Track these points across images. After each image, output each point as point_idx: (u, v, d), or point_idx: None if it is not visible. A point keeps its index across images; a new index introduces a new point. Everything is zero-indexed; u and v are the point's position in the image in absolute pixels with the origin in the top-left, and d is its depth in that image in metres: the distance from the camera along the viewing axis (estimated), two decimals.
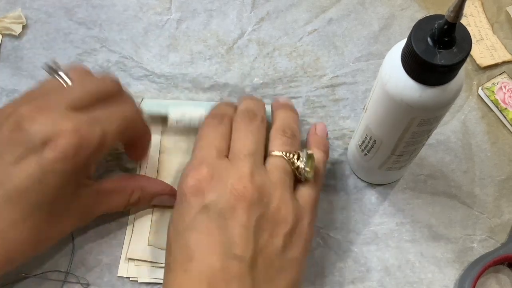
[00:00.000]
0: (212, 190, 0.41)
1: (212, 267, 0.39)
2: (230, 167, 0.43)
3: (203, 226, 0.40)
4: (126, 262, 0.50)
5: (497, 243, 0.53)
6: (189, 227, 0.41)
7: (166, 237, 0.47)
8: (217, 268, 0.39)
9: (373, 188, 0.54)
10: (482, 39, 0.61)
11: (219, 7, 0.62)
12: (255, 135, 0.46)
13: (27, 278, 0.49)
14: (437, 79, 0.38)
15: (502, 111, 0.57)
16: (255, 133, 0.46)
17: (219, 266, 0.39)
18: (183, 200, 0.42)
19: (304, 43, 0.60)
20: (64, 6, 0.61)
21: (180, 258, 0.40)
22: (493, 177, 0.55)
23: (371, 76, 0.59)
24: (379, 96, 0.42)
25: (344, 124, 0.57)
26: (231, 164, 0.43)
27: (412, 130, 0.43)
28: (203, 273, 0.39)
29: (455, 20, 0.35)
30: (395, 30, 0.61)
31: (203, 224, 0.40)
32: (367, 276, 0.51)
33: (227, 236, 0.40)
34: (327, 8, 0.62)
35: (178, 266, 0.40)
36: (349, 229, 0.53)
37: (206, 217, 0.41)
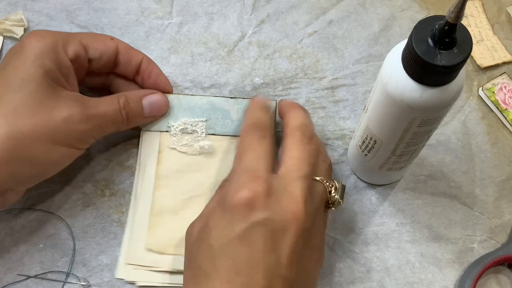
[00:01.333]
0: (267, 207, 0.40)
1: (257, 283, 0.39)
2: (286, 187, 0.42)
3: (254, 241, 0.40)
4: (124, 266, 0.50)
5: (497, 244, 0.53)
6: (239, 239, 0.40)
7: (163, 241, 0.47)
8: (262, 285, 0.39)
9: (373, 188, 0.54)
10: (483, 39, 0.61)
11: (219, 10, 0.62)
12: (312, 157, 0.45)
13: (28, 278, 0.50)
14: (437, 80, 0.38)
15: (502, 112, 0.57)
16: (312, 155, 0.45)
17: (264, 284, 0.39)
18: (233, 209, 0.40)
19: (304, 45, 0.60)
20: (65, 9, 0.61)
21: (224, 268, 0.39)
22: (493, 178, 0.55)
23: (371, 77, 0.59)
24: (380, 97, 0.42)
25: (344, 125, 0.57)
26: (286, 184, 0.42)
27: (412, 131, 0.43)
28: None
29: (456, 20, 0.35)
30: (395, 31, 0.61)
31: (254, 239, 0.40)
32: (367, 276, 0.51)
33: (276, 255, 0.40)
34: (327, 10, 0.62)
35: (222, 276, 0.39)
36: (349, 229, 0.53)
37: (258, 233, 0.40)
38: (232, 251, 0.39)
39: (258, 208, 0.40)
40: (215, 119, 0.53)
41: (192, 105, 0.53)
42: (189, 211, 0.50)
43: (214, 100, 0.54)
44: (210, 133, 0.53)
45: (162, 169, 0.52)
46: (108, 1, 0.61)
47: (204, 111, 0.53)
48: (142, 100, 0.51)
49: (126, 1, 0.62)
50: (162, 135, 0.53)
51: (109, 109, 0.48)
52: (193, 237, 0.42)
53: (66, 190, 0.53)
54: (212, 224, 0.41)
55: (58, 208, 0.52)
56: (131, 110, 0.49)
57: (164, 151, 0.53)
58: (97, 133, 0.48)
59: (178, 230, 0.49)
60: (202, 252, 0.41)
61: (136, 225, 0.51)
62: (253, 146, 0.45)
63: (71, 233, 0.51)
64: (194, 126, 0.53)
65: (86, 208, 0.53)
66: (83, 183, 0.53)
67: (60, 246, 0.51)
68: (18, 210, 0.52)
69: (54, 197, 0.53)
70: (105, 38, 0.50)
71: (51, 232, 0.52)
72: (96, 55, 0.49)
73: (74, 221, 0.52)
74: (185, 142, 0.53)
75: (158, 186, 0.52)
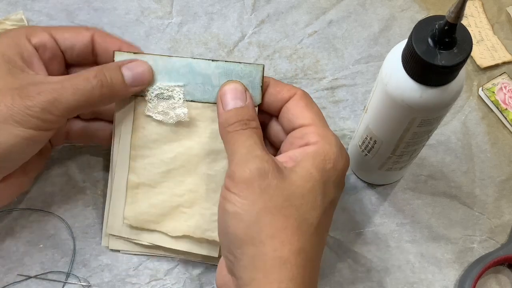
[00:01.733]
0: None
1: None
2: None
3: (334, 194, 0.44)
4: (107, 235, 0.51)
5: (497, 244, 0.53)
6: (330, 196, 0.43)
7: (142, 216, 0.48)
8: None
9: (373, 188, 0.54)
10: (483, 39, 0.61)
11: (219, 10, 0.62)
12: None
13: (28, 278, 0.50)
14: (437, 80, 0.38)
15: (502, 112, 0.57)
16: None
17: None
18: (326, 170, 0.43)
19: (304, 46, 0.60)
20: (65, 9, 0.61)
21: (326, 223, 0.43)
22: (493, 178, 0.55)
23: (370, 78, 0.59)
24: (380, 97, 0.42)
25: (344, 125, 0.57)
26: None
27: (412, 131, 0.43)
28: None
29: (456, 20, 0.35)
30: (395, 31, 0.61)
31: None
32: (367, 276, 0.51)
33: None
34: (327, 10, 0.62)
35: (324, 230, 0.43)
36: (349, 229, 0.53)
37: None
38: (333, 208, 0.44)
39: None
40: (194, 84, 0.47)
41: (169, 67, 0.47)
42: (168, 185, 0.48)
43: (194, 62, 0.47)
44: (188, 100, 0.47)
45: (138, 139, 0.48)
46: (108, 1, 0.61)
47: (182, 75, 0.47)
48: (121, 68, 0.46)
49: (126, 1, 0.62)
50: (137, 100, 0.48)
51: (72, 80, 0.44)
52: (287, 183, 0.41)
53: (66, 190, 0.53)
54: (315, 177, 0.42)
55: (58, 208, 0.52)
56: (106, 79, 0.45)
57: (140, 119, 0.48)
58: (55, 109, 0.43)
59: (158, 205, 0.48)
60: (309, 205, 0.41)
61: (114, 197, 0.49)
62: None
63: (71, 233, 0.51)
64: (171, 91, 0.47)
65: (86, 208, 0.53)
66: (83, 183, 0.53)
67: (60, 246, 0.51)
68: (18, 210, 0.52)
69: (54, 197, 0.53)
70: (79, 28, 0.49)
71: (51, 232, 0.52)
72: (67, 45, 0.47)
73: (74, 221, 0.52)
74: (161, 109, 0.47)
75: (134, 156, 0.48)
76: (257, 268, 0.39)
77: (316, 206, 0.41)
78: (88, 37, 0.48)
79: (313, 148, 0.42)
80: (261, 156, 0.41)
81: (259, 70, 0.46)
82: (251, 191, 0.40)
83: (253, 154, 0.41)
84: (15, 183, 0.48)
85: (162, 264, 0.51)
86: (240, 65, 0.46)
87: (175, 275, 0.51)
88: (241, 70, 0.46)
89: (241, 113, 0.44)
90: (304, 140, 0.43)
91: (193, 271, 0.51)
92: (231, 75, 0.46)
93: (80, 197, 0.53)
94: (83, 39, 0.48)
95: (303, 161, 0.42)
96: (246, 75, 0.46)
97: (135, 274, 0.51)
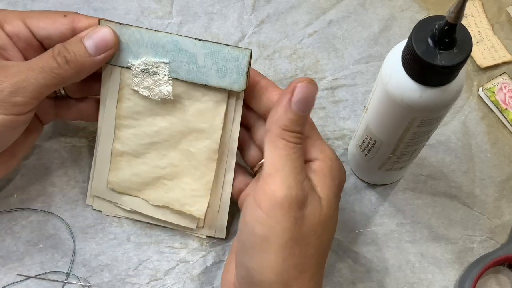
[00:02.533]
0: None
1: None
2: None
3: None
4: (92, 196, 0.52)
5: (497, 244, 0.53)
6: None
7: (124, 183, 0.50)
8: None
9: (373, 188, 0.54)
10: (483, 39, 0.61)
11: (219, 10, 0.62)
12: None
13: (28, 279, 0.50)
14: (437, 80, 0.38)
15: (502, 112, 0.57)
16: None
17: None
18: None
19: (304, 46, 0.60)
20: (65, 9, 0.61)
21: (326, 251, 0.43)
22: (493, 178, 0.55)
23: (370, 78, 0.59)
24: (380, 97, 0.42)
25: (344, 125, 0.57)
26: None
27: (412, 131, 0.43)
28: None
29: (456, 21, 0.35)
30: (395, 31, 0.61)
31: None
32: (367, 276, 0.51)
33: None
34: (327, 10, 0.62)
35: (325, 257, 0.43)
36: (349, 229, 0.53)
37: None
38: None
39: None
40: (180, 62, 0.46)
41: (154, 42, 0.46)
42: (151, 157, 0.49)
43: (180, 40, 0.46)
44: (173, 77, 0.47)
45: (123, 109, 0.49)
46: (108, 1, 0.62)
47: (168, 52, 0.46)
48: (83, 40, 0.44)
49: (126, 1, 0.62)
50: (123, 71, 0.47)
51: (36, 60, 0.44)
52: (316, 214, 0.40)
53: (66, 190, 0.53)
54: (334, 211, 0.42)
55: (58, 208, 0.52)
56: (69, 53, 0.44)
57: (125, 89, 0.48)
58: (23, 91, 0.43)
59: (140, 174, 0.50)
60: (327, 235, 0.42)
61: (99, 161, 0.51)
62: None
63: (71, 234, 0.51)
64: (156, 67, 0.46)
65: (86, 208, 0.53)
66: (83, 183, 0.53)
67: (60, 247, 0.51)
68: (18, 210, 0.52)
69: (54, 197, 0.53)
70: (56, 15, 0.46)
71: (51, 233, 0.52)
72: (43, 34, 0.46)
73: (74, 221, 0.52)
74: (147, 85, 0.47)
75: (119, 126, 0.49)
76: None
77: (333, 231, 0.42)
78: (66, 24, 0.46)
79: (320, 168, 0.41)
80: (305, 184, 0.40)
81: (246, 55, 0.45)
82: (286, 219, 0.38)
83: (299, 178, 0.40)
84: (0, 167, 0.48)
85: (162, 264, 0.51)
86: (227, 48, 0.45)
87: (175, 275, 0.51)
88: (228, 53, 0.45)
89: (304, 122, 0.41)
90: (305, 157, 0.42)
91: (193, 271, 0.51)
92: (217, 57, 0.45)
93: (80, 197, 0.53)
94: (61, 27, 0.46)
95: (320, 186, 0.41)
96: (233, 59, 0.45)
97: (135, 274, 0.51)
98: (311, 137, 0.43)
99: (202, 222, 0.51)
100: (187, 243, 0.52)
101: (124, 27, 0.46)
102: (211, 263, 0.51)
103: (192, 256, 0.51)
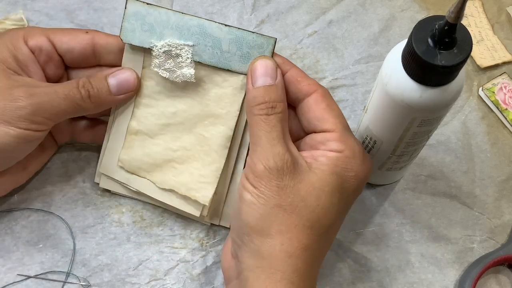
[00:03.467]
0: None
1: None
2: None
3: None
4: (100, 174, 0.52)
5: (497, 244, 0.53)
6: (343, 204, 0.45)
7: (135, 162, 0.50)
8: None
9: (373, 188, 0.54)
10: (483, 39, 0.61)
11: (219, 10, 0.62)
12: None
13: (28, 278, 0.50)
14: (437, 80, 0.38)
15: (502, 112, 0.57)
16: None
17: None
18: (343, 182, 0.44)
19: (304, 46, 0.60)
20: (65, 9, 0.61)
21: (335, 229, 0.45)
22: (493, 178, 0.55)
23: (370, 78, 0.59)
24: (380, 97, 0.42)
25: None
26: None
27: (412, 131, 0.43)
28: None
29: (456, 20, 0.35)
30: (395, 31, 0.61)
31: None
32: (367, 276, 0.51)
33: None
34: (327, 10, 0.62)
35: (332, 235, 0.45)
36: (349, 229, 0.53)
37: None
38: (343, 217, 0.46)
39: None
40: (204, 46, 0.47)
41: (180, 24, 0.47)
42: (165, 138, 0.50)
43: (206, 24, 0.46)
44: (196, 60, 0.47)
45: (144, 87, 0.49)
46: (108, 1, 0.61)
47: (193, 35, 0.47)
48: (108, 78, 0.48)
49: None
50: (146, 52, 0.48)
51: (62, 87, 0.46)
52: (302, 185, 0.42)
53: (66, 190, 0.53)
54: (332, 184, 0.43)
55: (58, 208, 0.52)
56: (93, 88, 0.47)
57: (147, 68, 0.49)
58: (44, 112, 0.45)
59: (152, 155, 0.50)
60: (322, 208, 0.42)
61: (112, 138, 0.51)
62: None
63: (71, 233, 0.51)
64: (179, 49, 0.47)
65: (86, 208, 0.53)
66: (83, 183, 0.53)
67: (60, 246, 0.51)
68: (18, 210, 0.52)
69: (54, 197, 0.53)
70: (78, 32, 0.49)
71: (51, 232, 0.52)
72: (65, 48, 0.48)
73: (74, 221, 0.52)
74: (168, 66, 0.47)
75: (138, 104, 0.50)
76: (262, 257, 0.41)
77: (332, 210, 0.43)
78: (87, 40, 0.48)
79: (337, 155, 0.43)
80: (282, 154, 0.42)
81: (271, 43, 0.46)
82: (268, 188, 0.42)
83: (275, 150, 0.42)
84: (12, 178, 0.49)
85: (162, 264, 0.51)
86: (252, 35, 0.46)
87: (175, 275, 0.51)
88: (253, 40, 0.46)
89: (269, 93, 0.44)
90: (327, 147, 0.44)
91: (193, 271, 0.51)
92: (242, 44, 0.46)
93: (80, 197, 0.53)
94: (81, 41, 0.48)
95: (325, 164, 0.43)
96: (257, 46, 0.46)
97: (135, 274, 0.51)
98: (339, 130, 0.44)
99: (206, 210, 0.50)
100: (187, 243, 0.52)
101: (152, 8, 0.47)
102: (211, 263, 0.51)
103: (192, 256, 0.51)
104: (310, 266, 0.42)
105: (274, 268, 0.40)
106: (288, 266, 0.40)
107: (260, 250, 0.41)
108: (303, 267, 0.41)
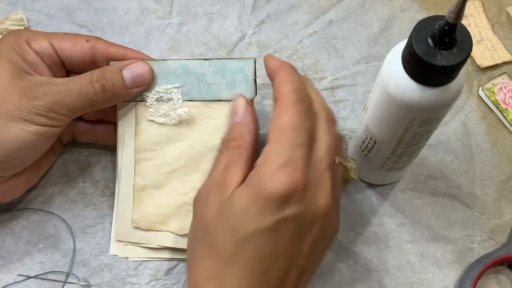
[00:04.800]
0: (301, 203, 0.39)
1: (276, 272, 0.39)
2: (319, 178, 0.40)
3: (282, 235, 0.39)
4: (115, 242, 0.51)
5: (497, 244, 0.53)
6: (268, 231, 0.38)
7: (149, 218, 0.49)
8: (279, 274, 0.39)
9: (373, 188, 0.54)
10: (483, 39, 0.61)
11: (219, 10, 0.62)
12: (338, 144, 0.43)
13: (28, 279, 0.50)
14: (437, 80, 0.38)
15: (502, 112, 0.57)
16: (338, 142, 0.43)
17: (281, 273, 0.39)
18: (267, 200, 0.38)
19: (304, 46, 0.60)
20: (65, 9, 0.61)
21: (247, 256, 0.39)
22: (493, 178, 0.55)
23: (370, 78, 0.59)
24: (380, 97, 0.42)
25: (344, 125, 0.57)
26: (319, 175, 0.40)
27: (412, 131, 0.43)
28: (265, 276, 0.39)
29: (456, 20, 0.35)
30: (395, 31, 0.61)
31: (283, 233, 0.39)
32: (367, 276, 0.51)
33: (299, 247, 0.40)
34: (327, 10, 0.62)
35: (243, 263, 0.39)
36: (349, 229, 0.53)
37: (288, 228, 0.39)
38: (259, 241, 0.39)
39: (293, 203, 0.38)
40: (190, 84, 0.48)
41: (164, 71, 0.48)
42: (173, 185, 0.49)
43: (187, 63, 0.48)
44: (186, 99, 0.49)
45: (141, 142, 0.50)
46: (108, 1, 0.62)
47: (178, 77, 0.48)
48: (122, 71, 0.47)
49: (126, 1, 0.62)
50: (138, 105, 0.49)
51: (75, 83, 0.46)
52: (210, 209, 0.41)
53: (66, 190, 0.53)
54: (239, 206, 0.39)
55: (58, 208, 0.52)
56: (107, 82, 0.46)
57: (142, 123, 0.50)
58: (59, 108, 0.45)
59: (164, 206, 0.49)
60: (224, 232, 0.39)
61: (121, 201, 0.50)
62: (295, 122, 0.40)
63: (71, 233, 0.52)
64: (169, 93, 0.48)
65: (86, 208, 0.53)
66: (83, 183, 0.53)
67: (60, 246, 0.51)
68: (18, 210, 0.52)
69: (54, 197, 0.53)
70: (78, 39, 0.49)
71: (51, 232, 0.52)
72: (65, 55, 0.48)
73: (74, 221, 0.52)
74: (163, 112, 0.49)
75: (138, 160, 0.50)
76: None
77: (233, 235, 0.39)
78: (86, 48, 0.48)
79: (253, 172, 0.40)
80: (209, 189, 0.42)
81: (251, 64, 0.47)
82: (194, 215, 0.43)
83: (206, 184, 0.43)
84: (27, 178, 0.50)
85: (162, 264, 0.51)
86: (232, 61, 0.47)
87: (175, 275, 0.51)
88: (234, 66, 0.47)
89: (238, 131, 0.43)
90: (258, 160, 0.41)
91: None
92: (225, 72, 0.48)
93: (80, 197, 0.53)
94: (81, 50, 0.48)
95: (241, 189, 0.40)
96: (239, 70, 0.47)
97: (135, 274, 0.51)
98: (271, 141, 0.41)
99: None
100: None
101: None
102: None
103: None
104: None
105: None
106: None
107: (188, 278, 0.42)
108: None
